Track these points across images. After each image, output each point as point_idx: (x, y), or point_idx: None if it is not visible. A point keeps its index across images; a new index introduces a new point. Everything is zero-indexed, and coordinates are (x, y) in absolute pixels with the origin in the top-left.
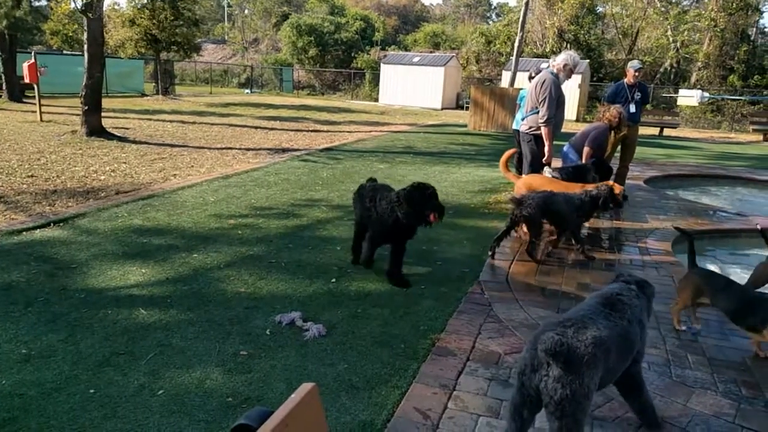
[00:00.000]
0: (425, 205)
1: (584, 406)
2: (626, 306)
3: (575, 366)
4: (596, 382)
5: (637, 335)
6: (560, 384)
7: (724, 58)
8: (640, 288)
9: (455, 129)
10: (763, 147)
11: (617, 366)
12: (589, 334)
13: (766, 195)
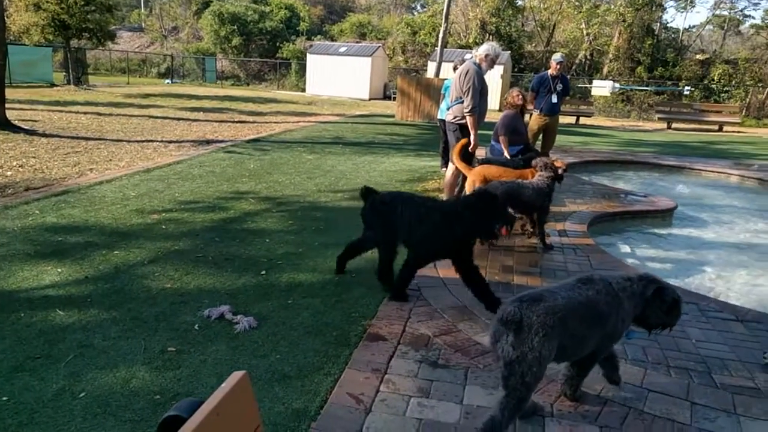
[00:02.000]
0: (495, 216)
1: (534, 371)
2: (603, 282)
3: (526, 333)
4: (550, 348)
5: (612, 309)
6: (512, 348)
7: (632, 50)
8: (641, 281)
9: (383, 119)
10: (668, 134)
11: (585, 333)
12: (542, 305)
13: (670, 178)
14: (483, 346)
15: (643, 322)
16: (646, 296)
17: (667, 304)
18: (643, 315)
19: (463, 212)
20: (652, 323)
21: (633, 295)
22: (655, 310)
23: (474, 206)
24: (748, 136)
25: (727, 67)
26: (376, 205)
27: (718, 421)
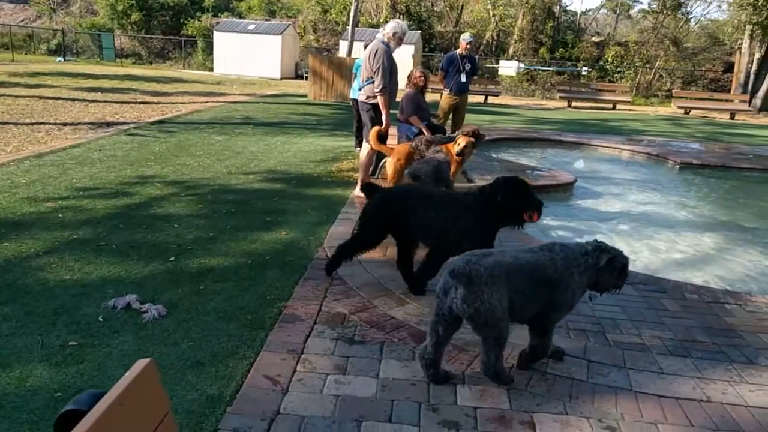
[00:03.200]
0: (526, 202)
1: (494, 316)
2: (561, 251)
3: (475, 285)
4: (501, 297)
5: (562, 277)
6: (466, 303)
7: (535, 32)
8: (596, 251)
9: (295, 99)
10: (568, 112)
11: (532, 291)
12: (490, 259)
13: (570, 154)
14: (398, 321)
15: (596, 286)
16: (599, 266)
17: (618, 270)
18: (597, 281)
19: (494, 201)
20: (605, 287)
21: (588, 268)
22: (607, 277)
23: (506, 192)
24: (638, 114)
25: (619, 49)
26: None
27: (611, 375)
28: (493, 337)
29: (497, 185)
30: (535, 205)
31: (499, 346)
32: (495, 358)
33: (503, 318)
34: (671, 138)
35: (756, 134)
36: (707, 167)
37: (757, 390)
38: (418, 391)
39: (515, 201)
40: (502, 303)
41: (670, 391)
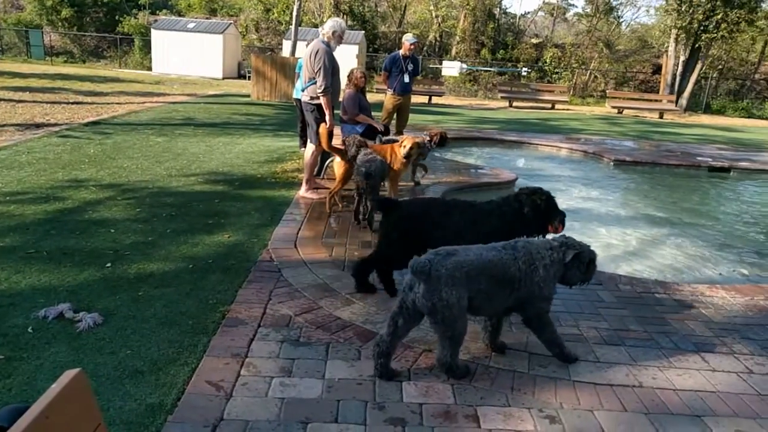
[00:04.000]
0: (552, 214)
1: (448, 313)
2: (524, 248)
3: (435, 283)
4: (459, 297)
5: (524, 274)
6: (425, 299)
7: (476, 33)
8: (562, 246)
9: (238, 99)
10: (509, 112)
11: (495, 289)
12: (453, 259)
13: (511, 152)
14: (344, 321)
15: (564, 280)
16: (565, 262)
17: (585, 264)
18: (564, 276)
19: (520, 212)
20: (573, 282)
21: (553, 263)
22: (574, 272)
23: (533, 204)
24: (575, 113)
25: (556, 51)
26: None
27: (550, 366)
28: (448, 334)
29: (523, 197)
30: (559, 218)
31: (454, 343)
32: (450, 354)
33: (460, 317)
34: (606, 136)
35: (683, 132)
36: (639, 164)
37: (683, 374)
38: (365, 390)
39: (541, 213)
40: (460, 302)
41: (606, 378)
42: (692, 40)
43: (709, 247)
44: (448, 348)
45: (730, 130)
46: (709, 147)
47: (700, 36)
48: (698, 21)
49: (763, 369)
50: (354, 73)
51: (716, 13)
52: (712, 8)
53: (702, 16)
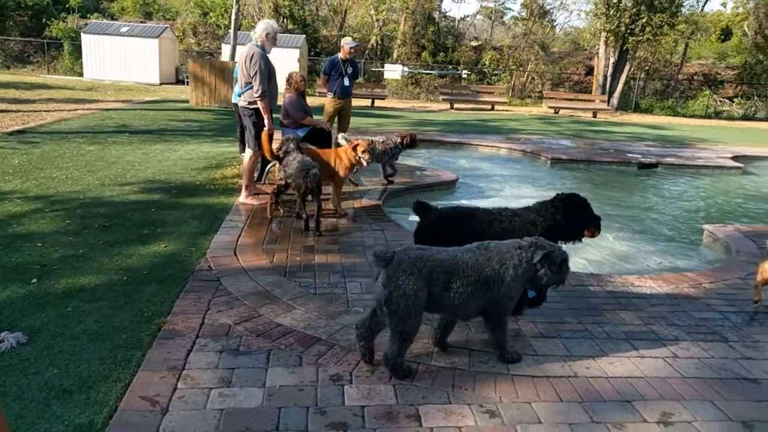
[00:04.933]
0: (588, 219)
1: (403, 305)
2: (496, 248)
3: (393, 271)
4: (417, 290)
5: (496, 274)
6: (383, 286)
7: (417, 36)
8: (531, 246)
9: (176, 105)
10: (451, 114)
11: (469, 291)
12: (417, 252)
13: (453, 154)
14: (285, 327)
15: (535, 282)
16: (534, 262)
17: (557, 264)
18: (535, 277)
19: (556, 218)
20: (546, 283)
21: (521, 262)
22: (545, 272)
23: (569, 210)
24: (514, 114)
25: (495, 53)
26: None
27: (490, 362)
28: (400, 328)
29: (560, 203)
30: (595, 223)
31: (404, 341)
32: (397, 352)
33: (414, 312)
34: (544, 136)
35: (614, 131)
36: (574, 161)
37: (615, 362)
38: (306, 396)
39: (578, 218)
40: (417, 295)
41: (542, 370)
42: (620, 42)
43: (640, 240)
44: (397, 344)
45: (657, 128)
46: (639, 144)
47: (627, 39)
48: (625, 24)
49: (686, 353)
50: (293, 77)
51: (641, 17)
52: (637, 12)
53: (628, 19)
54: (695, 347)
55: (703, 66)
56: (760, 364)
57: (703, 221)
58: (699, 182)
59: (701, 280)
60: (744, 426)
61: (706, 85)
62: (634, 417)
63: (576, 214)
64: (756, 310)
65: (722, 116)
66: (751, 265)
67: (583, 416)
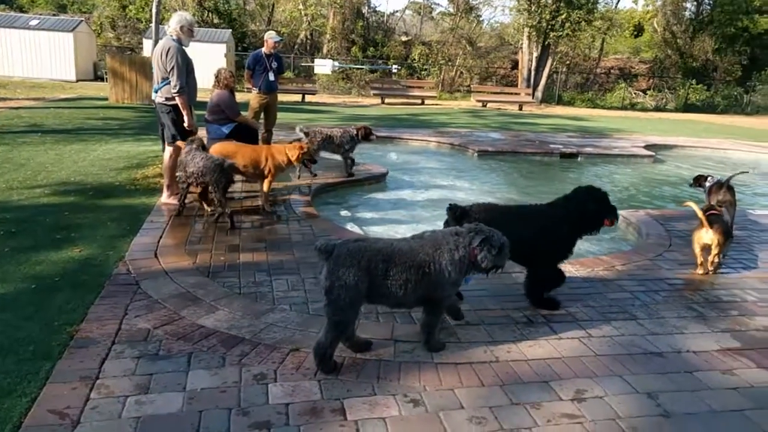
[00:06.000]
0: (606, 209)
1: (343, 296)
2: (431, 236)
3: (334, 263)
4: (358, 281)
5: (432, 260)
6: (325, 278)
7: (346, 31)
8: (470, 232)
9: (95, 102)
10: (382, 108)
11: (404, 277)
12: (355, 245)
13: (383, 148)
14: (208, 329)
15: (476, 266)
16: (473, 246)
17: (497, 248)
18: (476, 262)
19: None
20: (485, 267)
21: (458, 248)
22: (485, 256)
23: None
24: (444, 108)
25: (424, 48)
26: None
27: (415, 351)
28: (337, 318)
29: (584, 196)
30: (613, 212)
31: (338, 332)
32: (329, 342)
33: (353, 303)
34: (472, 129)
35: (539, 123)
36: (500, 153)
37: (534, 345)
38: (229, 397)
39: (599, 210)
40: (357, 286)
41: (466, 357)
42: (542, 38)
43: None
44: (331, 334)
45: (578, 120)
46: (561, 135)
47: (548, 34)
48: (546, 20)
49: (600, 332)
50: (222, 74)
51: (560, 13)
52: (556, 9)
53: (549, 15)
54: (608, 326)
55: (618, 60)
56: (665, 339)
57: (618, 207)
58: (615, 170)
59: (615, 263)
60: (648, 397)
61: (621, 79)
62: (551, 396)
63: (599, 205)
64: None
65: (637, 108)
66: (660, 247)
67: (504, 399)
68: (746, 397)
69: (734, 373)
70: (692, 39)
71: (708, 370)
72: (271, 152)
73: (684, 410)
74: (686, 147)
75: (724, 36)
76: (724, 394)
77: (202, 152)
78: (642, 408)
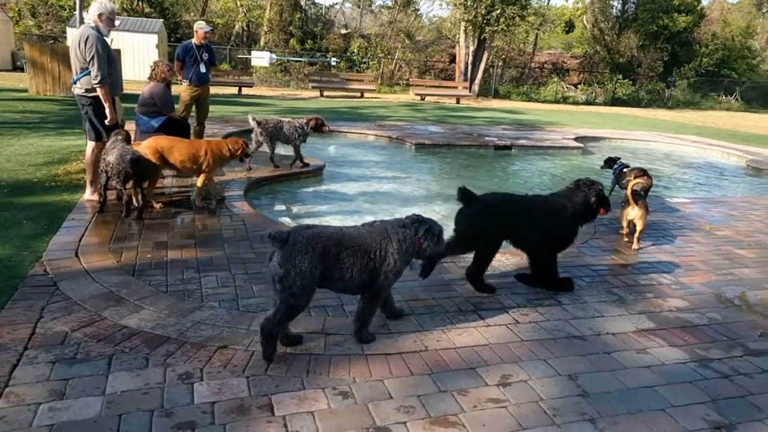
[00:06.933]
0: (602, 200)
1: (299, 283)
2: (380, 225)
3: (289, 250)
4: (313, 267)
5: (380, 247)
6: (278, 265)
7: (284, 23)
8: (414, 223)
9: (12, 94)
10: (321, 101)
11: (351, 261)
12: (310, 231)
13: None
14: (131, 329)
15: (419, 255)
16: (418, 236)
17: (436, 236)
18: (420, 250)
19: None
20: (428, 255)
21: (405, 239)
22: (428, 245)
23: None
24: (383, 101)
25: (363, 41)
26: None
27: (346, 344)
28: (291, 302)
29: (587, 188)
30: (607, 203)
31: (289, 315)
32: (278, 322)
33: (308, 290)
34: (410, 122)
35: (475, 116)
36: (437, 146)
37: (462, 333)
38: (151, 399)
39: (598, 201)
40: (312, 273)
41: (396, 347)
42: (478, 32)
43: None
44: (281, 315)
45: (513, 113)
46: (496, 128)
47: (484, 29)
48: (481, 15)
49: (527, 318)
50: (159, 67)
51: (495, 8)
52: (491, 4)
53: (484, 10)
54: (534, 312)
55: (552, 55)
56: (587, 323)
57: None
58: (546, 161)
59: None
60: (569, 378)
61: (554, 73)
62: (477, 382)
63: (599, 197)
64: None
65: (569, 101)
66: (585, 235)
67: (432, 387)
68: (657, 374)
69: (647, 352)
70: (618, 36)
71: (624, 351)
72: (211, 146)
73: (601, 389)
74: (613, 139)
75: (647, 33)
76: (638, 372)
77: (121, 145)
78: (563, 389)
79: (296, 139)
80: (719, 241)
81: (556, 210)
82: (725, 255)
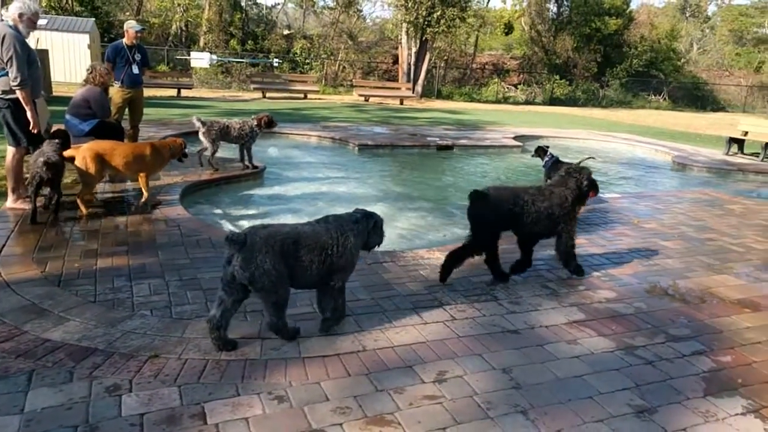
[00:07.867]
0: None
1: (270, 281)
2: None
3: (250, 251)
4: (275, 263)
5: (336, 242)
6: (243, 269)
7: (224, 24)
8: (365, 217)
9: None
10: (263, 103)
11: (311, 258)
12: (266, 230)
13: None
14: (54, 343)
15: (367, 247)
16: (369, 229)
17: (380, 228)
18: (367, 242)
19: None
20: (372, 246)
21: (360, 233)
22: (374, 237)
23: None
24: (326, 102)
25: (306, 42)
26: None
27: (283, 348)
28: (272, 299)
29: (578, 174)
30: (596, 186)
31: (279, 308)
32: (277, 318)
33: (280, 283)
34: (354, 123)
35: (418, 116)
36: (380, 147)
37: (400, 331)
38: (75, 415)
39: (589, 184)
40: (276, 268)
41: (333, 349)
42: (420, 33)
43: (436, 216)
44: (274, 312)
45: (455, 113)
46: (439, 128)
47: (425, 30)
48: (422, 16)
49: (463, 314)
50: (98, 69)
51: (436, 9)
52: (432, 5)
53: (425, 12)
54: (471, 308)
55: (492, 56)
56: (522, 317)
57: None
58: (486, 160)
59: None
60: (503, 372)
61: (495, 74)
62: (414, 380)
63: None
64: None
65: (509, 101)
66: None
67: (369, 387)
68: (586, 363)
69: (578, 343)
70: (555, 38)
71: (556, 342)
72: (154, 148)
73: (533, 381)
74: (550, 137)
75: (581, 35)
76: (569, 362)
77: (45, 148)
78: (497, 383)
79: (248, 141)
80: (646, 234)
81: (558, 200)
82: (651, 247)
